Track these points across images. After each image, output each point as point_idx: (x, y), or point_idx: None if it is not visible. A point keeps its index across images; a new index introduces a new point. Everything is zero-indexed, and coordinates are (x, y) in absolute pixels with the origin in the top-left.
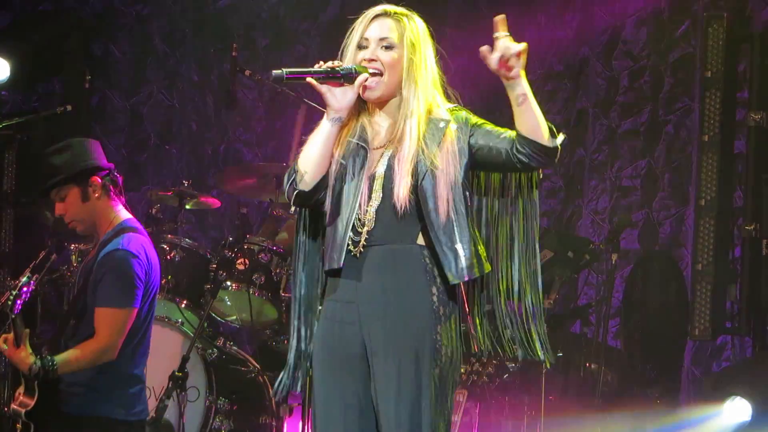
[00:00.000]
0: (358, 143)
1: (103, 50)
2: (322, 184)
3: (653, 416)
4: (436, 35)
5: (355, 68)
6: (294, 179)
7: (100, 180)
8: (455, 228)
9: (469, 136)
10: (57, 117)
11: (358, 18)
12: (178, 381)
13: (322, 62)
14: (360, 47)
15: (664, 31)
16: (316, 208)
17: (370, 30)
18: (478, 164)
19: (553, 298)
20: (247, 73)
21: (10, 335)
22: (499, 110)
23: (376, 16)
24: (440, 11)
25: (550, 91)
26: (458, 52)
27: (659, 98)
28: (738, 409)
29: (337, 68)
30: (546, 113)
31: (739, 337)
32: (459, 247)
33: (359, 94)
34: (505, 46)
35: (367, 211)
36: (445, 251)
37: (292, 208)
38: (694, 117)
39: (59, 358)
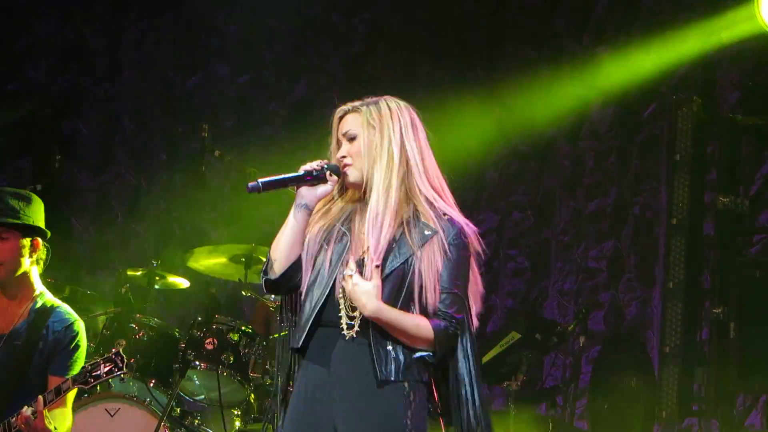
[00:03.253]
0: (341, 228)
1: (72, 129)
2: (293, 272)
3: None
4: None
5: (326, 167)
6: (265, 268)
7: (40, 245)
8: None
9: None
10: None
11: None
12: None
13: (309, 163)
14: (338, 146)
15: (631, 112)
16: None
17: (339, 130)
18: None
19: (520, 379)
20: (217, 153)
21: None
22: (464, 188)
23: (341, 116)
24: (407, 91)
25: (515, 171)
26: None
27: (626, 179)
28: None
29: (311, 170)
30: (512, 194)
31: (705, 420)
32: (390, 348)
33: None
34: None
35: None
36: (378, 349)
37: (271, 296)
38: (661, 198)
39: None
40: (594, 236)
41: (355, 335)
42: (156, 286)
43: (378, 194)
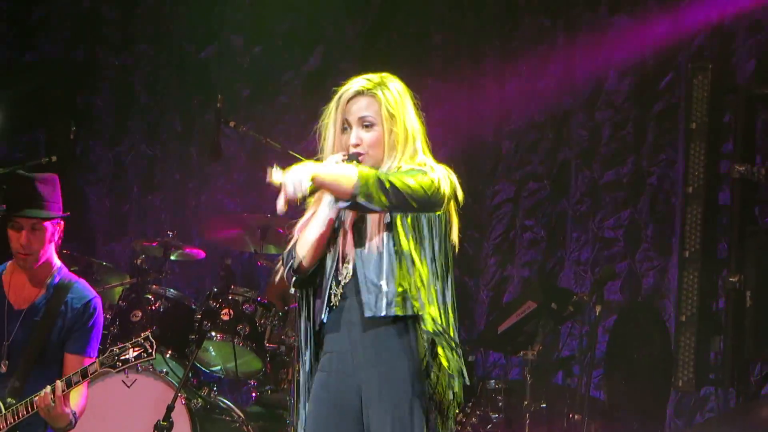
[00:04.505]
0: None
1: (87, 100)
2: (319, 265)
3: None
4: (418, 86)
5: (349, 158)
6: (292, 265)
7: (62, 226)
8: (383, 265)
9: None
10: (42, 167)
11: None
12: (162, 430)
13: (332, 156)
14: (344, 130)
15: (648, 82)
16: None
17: (349, 112)
18: None
19: (536, 349)
20: (232, 124)
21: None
22: (480, 158)
23: (351, 97)
24: (423, 62)
25: (532, 142)
26: (440, 103)
27: (642, 149)
28: None
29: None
30: (528, 163)
31: (722, 388)
32: (384, 284)
33: None
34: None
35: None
36: (369, 287)
37: (292, 290)
38: (677, 168)
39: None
40: (611, 206)
41: (340, 297)
42: (172, 257)
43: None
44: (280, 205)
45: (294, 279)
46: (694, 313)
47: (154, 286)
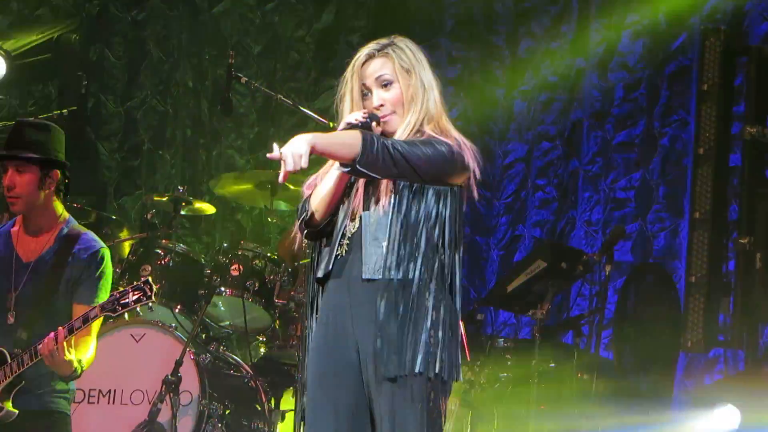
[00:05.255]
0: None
1: (99, 55)
2: (332, 220)
3: (644, 417)
4: (431, 45)
5: (369, 117)
6: (304, 217)
7: (59, 175)
8: (386, 228)
9: None
10: (53, 121)
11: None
12: (171, 385)
13: (352, 114)
14: (364, 96)
15: (661, 43)
16: None
17: (365, 76)
18: None
19: (545, 308)
20: (243, 80)
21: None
22: (493, 118)
23: (365, 62)
24: (437, 22)
25: (544, 102)
26: (452, 62)
27: (655, 110)
28: (727, 416)
29: (355, 123)
30: (540, 123)
31: (731, 350)
32: (384, 246)
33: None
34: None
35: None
36: (369, 248)
37: (305, 242)
38: (690, 130)
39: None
40: (622, 167)
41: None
42: (182, 212)
43: (410, 132)
44: (281, 178)
45: (305, 231)
46: (704, 274)
47: (164, 241)
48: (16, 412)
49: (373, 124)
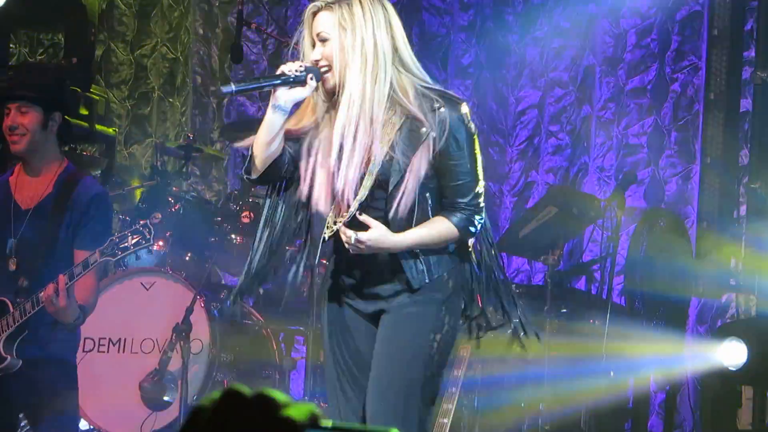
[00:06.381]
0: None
1: (108, 2)
2: (275, 168)
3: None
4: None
5: (304, 71)
6: (247, 164)
7: (61, 118)
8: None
9: (439, 149)
10: (61, 68)
11: None
12: (181, 333)
13: (288, 64)
14: (313, 46)
15: None
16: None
17: (312, 27)
18: None
19: (557, 254)
20: (253, 26)
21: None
22: (506, 66)
23: (314, 13)
24: None
25: (556, 49)
26: (465, 8)
27: (666, 56)
28: (734, 349)
29: (289, 74)
30: (553, 70)
31: (743, 294)
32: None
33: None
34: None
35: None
36: (405, 255)
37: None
38: (701, 75)
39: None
40: (635, 112)
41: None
42: (192, 160)
43: (350, 101)
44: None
45: (245, 178)
46: (716, 219)
47: (174, 188)
48: (20, 361)
49: (309, 76)
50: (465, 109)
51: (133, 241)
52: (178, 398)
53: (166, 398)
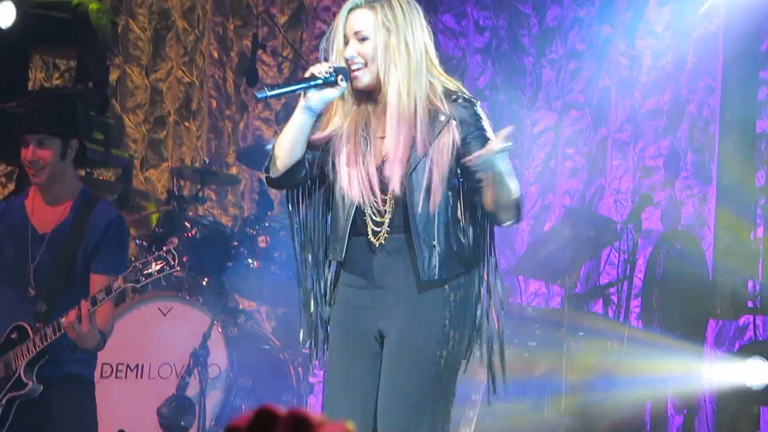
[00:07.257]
0: (361, 134)
1: (123, 26)
2: (295, 172)
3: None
4: (458, 13)
5: (334, 71)
6: (267, 164)
7: (78, 144)
8: (439, 224)
9: (462, 139)
10: (77, 94)
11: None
12: (199, 358)
13: (317, 65)
14: (345, 44)
15: (687, 9)
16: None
17: (348, 25)
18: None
19: (574, 277)
20: (269, 49)
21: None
22: (521, 88)
23: (351, 9)
24: None
25: (572, 71)
26: (480, 30)
27: (682, 77)
28: (758, 368)
29: (318, 75)
30: (569, 92)
31: (760, 316)
32: (436, 243)
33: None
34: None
35: (385, 200)
36: (422, 246)
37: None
38: (716, 96)
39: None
40: (651, 134)
41: (384, 242)
42: (208, 184)
43: (399, 96)
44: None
45: (266, 178)
46: (733, 241)
47: (190, 213)
48: (41, 386)
49: (339, 77)
50: (479, 107)
51: (157, 267)
52: (196, 424)
53: (183, 424)
